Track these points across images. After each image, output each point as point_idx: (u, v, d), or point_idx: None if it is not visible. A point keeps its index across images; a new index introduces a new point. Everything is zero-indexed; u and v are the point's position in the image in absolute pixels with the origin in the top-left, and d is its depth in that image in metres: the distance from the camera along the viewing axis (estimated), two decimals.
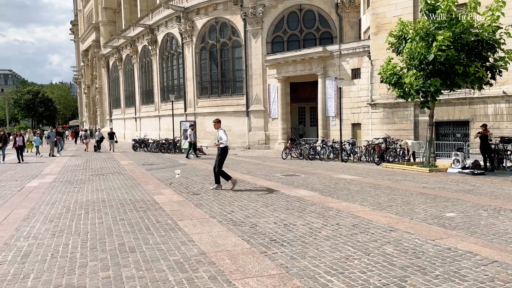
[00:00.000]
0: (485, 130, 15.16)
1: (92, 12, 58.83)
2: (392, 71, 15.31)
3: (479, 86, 14.30)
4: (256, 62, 29.15)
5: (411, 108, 20.58)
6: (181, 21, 33.28)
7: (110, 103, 54.28)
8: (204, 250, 5.33)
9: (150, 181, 12.55)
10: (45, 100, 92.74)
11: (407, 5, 20.49)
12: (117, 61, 48.98)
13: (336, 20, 27.83)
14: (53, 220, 7.39)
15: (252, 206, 8.38)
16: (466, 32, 13.78)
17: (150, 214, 7.72)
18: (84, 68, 67.74)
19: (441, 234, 6.00)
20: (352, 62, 24.06)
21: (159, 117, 38.86)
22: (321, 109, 25.72)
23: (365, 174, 14.00)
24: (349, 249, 5.35)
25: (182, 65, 34.54)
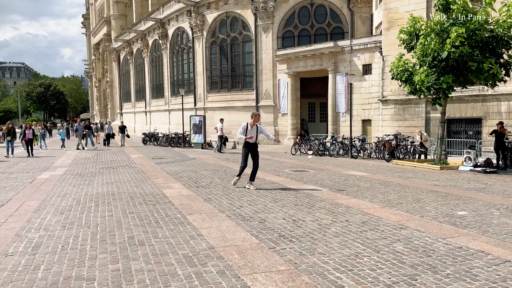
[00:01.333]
0: (502, 128, 14.92)
1: (104, 6, 59.09)
2: (403, 67, 15.13)
3: (493, 83, 14.07)
4: (266, 57, 29.04)
5: (423, 104, 20.35)
6: (192, 15, 33.27)
7: (120, 96, 54.61)
8: (212, 245, 5.33)
9: (159, 175, 12.61)
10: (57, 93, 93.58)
11: (420, 0, 20.19)
12: (128, 55, 49.19)
13: (347, 15, 27.57)
14: (64, 212, 7.46)
15: (261, 201, 8.37)
16: (481, 29, 13.55)
17: (159, 207, 7.75)
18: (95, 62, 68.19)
19: (452, 233, 5.93)
20: (363, 58, 23.84)
21: (169, 111, 39.00)
22: (331, 105, 25.57)
23: (375, 171, 13.90)
24: (358, 246, 5.31)
25: (193, 60, 34.58)
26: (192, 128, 26.95)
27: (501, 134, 14.84)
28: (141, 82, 46.61)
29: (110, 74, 58.57)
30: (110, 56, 57.05)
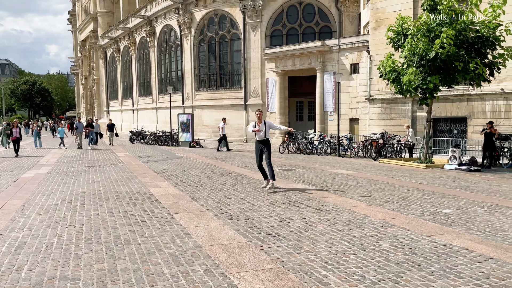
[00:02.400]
0: (491, 127, 15.17)
1: (90, 3, 58.32)
2: (391, 67, 15.26)
3: (478, 82, 14.28)
4: (255, 55, 29.02)
5: (409, 104, 20.56)
6: (179, 12, 33.06)
7: (107, 94, 54.03)
8: (199, 244, 5.31)
9: (146, 174, 12.51)
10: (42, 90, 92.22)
11: (407, 0, 20.38)
12: (115, 52, 48.67)
13: (335, 14, 27.70)
14: (49, 211, 7.36)
15: (249, 200, 8.36)
16: (467, 29, 13.73)
17: (146, 206, 7.70)
18: (82, 59, 67.30)
19: (437, 230, 6.00)
20: (351, 57, 23.99)
21: (156, 109, 38.72)
22: (319, 104, 25.67)
23: (362, 169, 14.01)
24: (345, 244, 5.35)
25: (180, 58, 34.37)
26: (180, 126, 26.80)
27: (491, 134, 15.08)
28: (128, 80, 46.17)
29: (96, 72, 57.89)
30: (97, 53, 56.38)
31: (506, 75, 17.01)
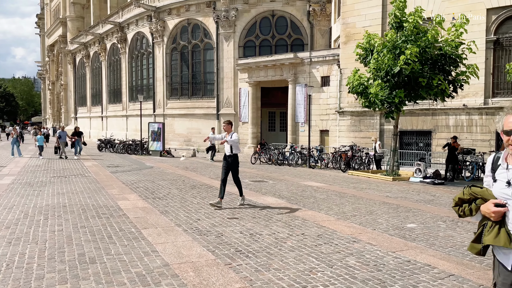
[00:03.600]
0: (455, 142, 15.77)
1: (60, 7, 57.00)
2: (358, 81, 15.65)
3: (442, 98, 14.86)
4: (228, 65, 29.10)
5: (377, 117, 21.11)
6: (152, 20, 32.80)
7: (75, 100, 52.72)
8: (167, 262, 5.24)
9: (114, 185, 12.25)
10: (7, 95, 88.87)
11: (376, 16, 21.04)
12: (84, 58, 47.66)
13: (307, 27, 28.21)
14: (10, 226, 7.08)
15: (219, 214, 8.33)
16: (431, 46, 14.29)
17: (113, 221, 7.53)
18: (49, 64, 65.46)
19: (402, 246, 6.17)
20: (322, 70, 24.44)
21: (126, 117, 38.07)
22: (291, 115, 25.97)
23: (331, 182, 14.23)
24: (313, 260, 5.41)
25: (152, 65, 34.03)
26: (150, 135, 26.44)
27: (454, 148, 15.66)
28: (97, 86, 45.24)
29: (64, 77, 56.42)
30: (65, 59, 55.02)
31: (469, 91, 17.77)
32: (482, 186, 2.57)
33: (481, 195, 2.55)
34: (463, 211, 2.61)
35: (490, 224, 2.44)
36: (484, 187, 2.57)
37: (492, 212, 2.38)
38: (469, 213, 2.58)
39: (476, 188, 2.58)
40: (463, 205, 2.62)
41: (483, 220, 2.52)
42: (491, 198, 2.46)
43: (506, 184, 2.40)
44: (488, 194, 2.51)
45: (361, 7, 21.51)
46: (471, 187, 2.62)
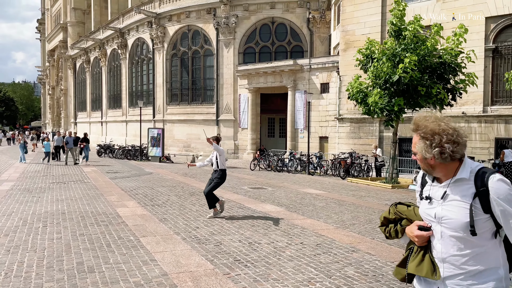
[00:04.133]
0: None
1: (61, 12, 57.23)
2: (358, 88, 15.71)
3: (441, 107, 14.90)
4: (228, 71, 29.19)
5: (377, 124, 21.15)
6: (152, 26, 32.94)
7: (75, 105, 52.78)
8: (166, 271, 5.24)
9: (113, 191, 12.25)
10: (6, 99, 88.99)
11: (376, 24, 21.16)
12: (85, 63, 47.78)
13: (307, 34, 28.34)
14: (9, 233, 7.08)
15: (218, 221, 8.33)
16: (430, 55, 14.36)
17: (112, 229, 7.53)
18: (50, 69, 65.59)
19: (400, 256, 6.16)
20: (321, 77, 24.52)
21: (126, 122, 38.11)
22: (290, 121, 26.02)
23: (330, 189, 14.23)
24: (311, 270, 5.41)
25: (152, 71, 34.12)
26: (150, 140, 26.46)
27: None
28: (97, 92, 45.32)
29: (64, 82, 56.51)
30: (66, 64, 55.16)
31: (467, 99, 17.83)
32: (410, 204, 2.29)
33: (406, 215, 2.26)
34: (389, 232, 2.32)
35: (416, 249, 2.14)
36: (412, 205, 2.28)
37: (415, 236, 2.10)
38: (395, 234, 2.30)
39: (402, 206, 2.30)
40: (389, 225, 2.33)
41: (410, 243, 2.22)
42: (417, 219, 2.18)
43: (428, 202, 2.11)
44: (414, 214, 2.23)
45: (361, 15, 21.64)
46: (397, 205, 2.33)
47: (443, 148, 1.97)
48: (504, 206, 1.90)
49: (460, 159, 2.03)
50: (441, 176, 2.07)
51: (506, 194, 1.90)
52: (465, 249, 2.00)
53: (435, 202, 2.07)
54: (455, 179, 2.02)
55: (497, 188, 1.91)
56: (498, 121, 17.99)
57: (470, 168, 2.01)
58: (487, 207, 1.94)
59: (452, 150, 1.98)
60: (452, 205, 2.01)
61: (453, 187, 2.03)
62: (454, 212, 1.99)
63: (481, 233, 1.96)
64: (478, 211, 1.95)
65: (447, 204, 2.03)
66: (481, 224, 1.96)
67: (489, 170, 1.99)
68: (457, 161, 2.03)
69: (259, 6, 28.53)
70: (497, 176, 1.94)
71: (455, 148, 1.98)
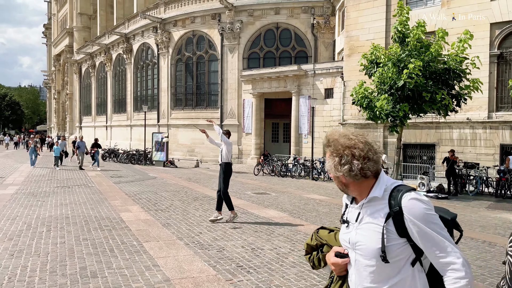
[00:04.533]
0: (453, 155, 15.72)
1: (67, 17, 57.74)
2: (363, 94, 15.69)
3: (445, 113, 14.85)
4: (232, 76, 29.28)
5: (381, 129, 21.10)
6: (157, 31, 33.14)
7: (80, 110, 53.06)
8: (168, 277, 5.24)
9: (117, 196, 12.28)
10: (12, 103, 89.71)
11: (380, 30, 21.16)
12: (90, 68, 48.10)
13: (311, 40, 28.39)
14: (13, 238, 7.11)
15: (221, 227, 8.33)
16: (435, 61, 14.34)
17: (115, 233, 7.54)
18: (55, 73, 66.09)
19: None
20: (325, 82, 24.53)
21: (130, 127, 38.26)
22: (294, 126, 26.01)
23: (334, 195, 14.19)
24: (314, 277, 5.39)
25: (157, 76, 34.28)
26: (154, 145, 26.54)
27: (453, 161, 15.62)
28: (103, 96, 45.58)
29: (70, 86, 56.90)
30: (71, 68, 55.55)
31: (472, 105, 17.76)
32: (333, 228, 2.09)
33: (326, 240, 2.05)
34: (312, 260, 2.10)
35: (336, 278, 1.95)
36: (336, 230, 2.06)
37: (331, 264, 1.89)
38: (318, 263, 2.07)
39: (324, 231, 2.09)
40: (313, 253, 2.11)
41: (332, 272, 1.99)
42: (337, 245, 1.96)
43: (346, 226, 1.88)
44: (334, 239, 2.02)
45: (365, 21, 21.66)
46: (319, 230, 2.12)
47: (352, 164, 1.77)
48: (420, 227, 1.66)
49: (376, 176, 1.81)
50: (356, 196, 1.86)
51: (421, 213, 1.67)
52: (379, 281, 1.74)
53: (351, 226, 1.85)
54: (368, 198, 1.80)
55: (411, 207, 1.68)
56: (503, 127, 17.89)
57: (385, 185, 1.79)
58: (402, 229, 1.70)
59: (362, 167, 1.75)
60: (365, 228, 1.78)
61: (367, 207, 1.80)
62: (367, 237, 1.76)
63: (396, 260, 1.71)
64: (392, 234, 1.71)
65: (361, 228, 1.80)
66: (396, 250, 1.71)
67: (405, 187, 1.77)
68: (372, 179, 1.81)
69: (264, 12, 28.65)
70: (412, 194, 1.71)
71: (365, 165, 1.76)
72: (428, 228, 1.66)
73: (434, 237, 1.66)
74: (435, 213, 1.71)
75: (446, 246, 1.66)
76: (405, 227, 1.69)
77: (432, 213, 1.69)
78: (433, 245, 1.66)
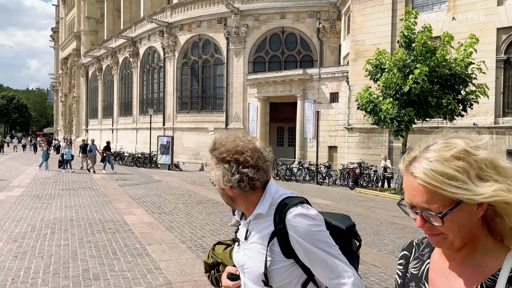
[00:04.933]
0: None
1: (74, 21, 58.28)
2: (368, 98, 15.67)
3: (451, 117, 14.79)
4: (237, 80, 29.36)
5: (386, 134, 21.03)
6: (164, 35, 33.34)
7: (87, 113, 53.43)
8: (170, 280, 5.25)
9: (122, 199, 12.33)
10: (20, 106, 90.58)
11: (386, 34, 21.14)
12: (97, 71, 48.46)
13: (317, 44, 28.42)
14: (17, 239, 7.16)
15: (224, 231, 8.33)
16: (440, 66, 14.29)
17: (118, 236, 7.57)
18: (63, 76, 66.66)
19: None
20: (330, 86, 24.52)
21: (136, 130, 38.44)
22: (299, 130, 26.00)
23: (339, 199, 14.14)
24: None
25: (163, 79, 34.45)
26: (159, 148, 26.64)
27: None
28: (109, 99, 45.87)
29: (77, 90, 57.35)
30: (78, 71, 56.01)
31: (479, 110, 17.66)
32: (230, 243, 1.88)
33: (221, 259, 1.86)
34: (211, 280, 1.91)
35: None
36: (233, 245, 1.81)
37: (224, 286, 1.67)
38: (216, 283, 1.87)
39: (220, 247, 1.89)
40: (211, 271, 1.92)
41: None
42: (231, 264, 1.77)
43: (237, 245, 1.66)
44: (229, 257, 1.81)
45: (371, 25, 21.66)
46: (215, 246, 1.92)
47: (242, 174, 1.52)
48: (306, 246, 1.45)
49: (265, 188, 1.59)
50: (244, 211, 1.63)
51: (306, 230, 1.45)
52: None
53: (241, 245, 1.63)
54: (253, 215, 1.57)
55: (296, 225, 1.46)
56: (510, 132, 17.76)
57: (271, 199, 1.56)
58: (289, 249, 1.48)
59: (252, 177, 1.52)
60: (251, 249, 1.57)
61: (254, 225, 1.58)
62: (252, 259, 1.55)
63: (283, 284, 1.51)
64: (277, 256, 1.50)
65: (248, 248, 1.58)
66: (283, 273, 1.50)
67: (292, 200, 1.53)
68: (261, 191, 1.58)
69: (269, 16, 28.74)
70: (298, 210, 1.48)
71: (255, 175, 1.53)
72: (315, 247, 1.45)
73: (321, 257, 1.45)
74: (324, 230, 1.49)
75: (335, 265, 1.44)
76: (292, 246, 1.48)
77: (319, 230, 1.47)
78: (321, 266, 1.46)
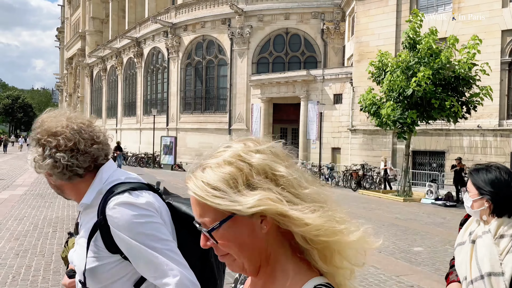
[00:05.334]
0: (460, 163, 15.58)
1: (79, 21, 58.60)
2: (371, 100, 15.64)
3: (455, 120, 14.75)
4: (241, 81, 29.39)
5: (390, 136, 20.97)
6: (168, 36, 33.44)
7: (91, 112, 53.61)
8: None
9: None
10: (25, 105, 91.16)
11: (390, 36, 21.10)
12: (101, 71, 48.68)
13: (321, 45, 28.41)
14: (19, 238, 7.21)
15: None
16: (444, 68, 14.24)
17: None
18: (67, 76, 67.04)
19: (406, 270, 6.09)
20: (334, 87, 24.50)
21: (140, 130, 38.57)
22: (302, 132, 25.98)
23: (341, 201, 13.99)
24: None
25: (167, 80, 34.56)
26: (162, 148, 26.71)
27: (461, 169, 15.47)
28: (113, 99, 46.06)
29: (81, 89, 57.64)
30: (83, 71, 56.29)
31: (483, 112, 17.57)
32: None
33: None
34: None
35: None
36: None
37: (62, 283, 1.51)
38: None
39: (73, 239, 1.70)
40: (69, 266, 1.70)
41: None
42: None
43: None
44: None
45: (375, 26, 21.63)
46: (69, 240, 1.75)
47: (54, 158, 1.30)
48: (125, 240, 1.27)
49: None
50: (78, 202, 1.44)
51: (127, 222, 1.27)
52: None
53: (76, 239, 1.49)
54: (81, 205, 1.40)
55: (115, 216, 1.28)
56: None
57: (100, 186, 1.37)
58: (113, 244, 1.30)
59: (67, 163, 1.30)
60: (79, 244, 1.40)
61: (83, 216, 1.42)
62: (78, 255, 1.39)
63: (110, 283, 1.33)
64: (102, 252, 1.32)
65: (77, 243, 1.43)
66: (109, 271, 1.32)
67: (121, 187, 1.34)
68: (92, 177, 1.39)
69: (274, 17, 28.76)
70: (121, 198, 1.30)
71: (71, 160, 1.31)
72: (136, 241, 1.26)
73: (143, 253, 1.26)
74: (153, 221, 1.29)
75: (159, 263, 1.25)
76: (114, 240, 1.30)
77: (145, 221, 1.28)
78: (145, 263, 1.27)
